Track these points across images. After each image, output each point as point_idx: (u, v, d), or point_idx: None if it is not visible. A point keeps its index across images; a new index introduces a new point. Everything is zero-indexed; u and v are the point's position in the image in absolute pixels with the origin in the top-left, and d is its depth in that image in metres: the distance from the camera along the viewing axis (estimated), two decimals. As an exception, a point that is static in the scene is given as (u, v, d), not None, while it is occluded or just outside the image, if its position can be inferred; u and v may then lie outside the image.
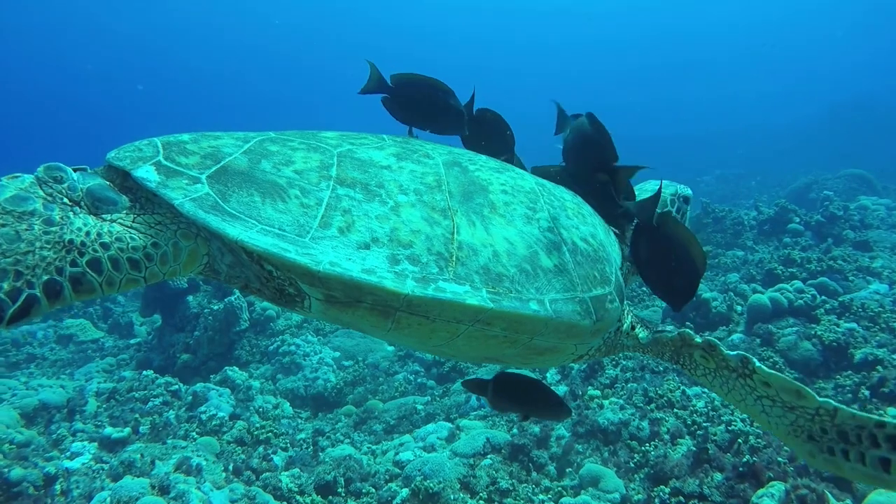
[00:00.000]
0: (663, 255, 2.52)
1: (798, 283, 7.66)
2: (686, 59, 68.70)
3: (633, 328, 2.61)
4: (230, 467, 4.95)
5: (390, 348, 9.46)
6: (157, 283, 2.03)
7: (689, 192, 3.14)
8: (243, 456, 5.34)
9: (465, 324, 1.98)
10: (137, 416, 6.48)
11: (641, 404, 6.12)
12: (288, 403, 7.72)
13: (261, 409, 6.86)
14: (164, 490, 4.14)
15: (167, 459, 4.77)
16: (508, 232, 2.11)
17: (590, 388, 6.75)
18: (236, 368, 7.74)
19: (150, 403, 6.96)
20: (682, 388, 6.44)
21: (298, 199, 1.92)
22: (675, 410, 5.96)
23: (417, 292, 1.84)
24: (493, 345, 2.15)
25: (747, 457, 4.57)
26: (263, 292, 2.07)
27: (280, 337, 9.28)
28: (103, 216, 1.84)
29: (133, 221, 1.88)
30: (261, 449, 5.48)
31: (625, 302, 2.44)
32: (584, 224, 2.38)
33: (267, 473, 4.82)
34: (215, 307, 9.28)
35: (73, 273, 1.70)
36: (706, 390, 6.69)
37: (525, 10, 69.17)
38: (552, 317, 2.02)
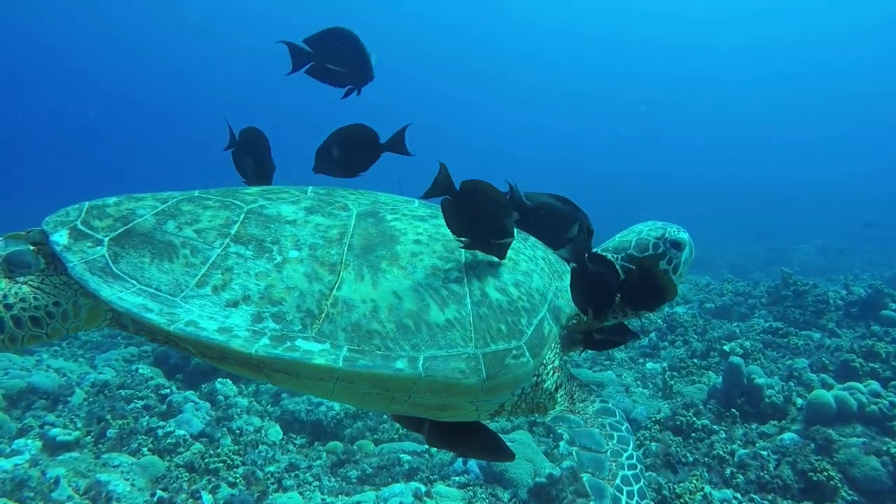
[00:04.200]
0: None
1: (875, 385, 6.39)
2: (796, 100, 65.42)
3: (556, 389, 2.41)
4: (156, 498, 4.42)
5: (405, 383, 8.81)
6: (62, 337, 2.18)
7: (681, 236, 2.76)
8: (185, 484, 4.81)
9: (328, 381, 1.95)
10: (109, 417, 6.13)
11: None
12: (277, 427, 7.19)
13: (238, 431, 6.35)
14: (39, 521, 3.67)
15: (90, 477, 4.32)
16: (401, 284, 2.06)
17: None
18: (229, 381, 7.29)
19: (131, 405, 6.62)
20: (706, 489, 5.40)
21: (186, 259, 2.03)
22: (688, 520, 4.95)
23: (262, 352, 1.85)
24: (374, 401, 2.11)
25: None
26: (168, 342, 2.11)
27: (294, 353, 8.81)
28: (17, 279, 2.05)
29: (41, 282, 2.07)
30: (205, 480, 4.95)
31: (546, 355, 2.27)
32: (512, 272, 2.27)
33: (188, 514, 4.28)
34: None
35: None
36: (738, 496, 5.62)
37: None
38: (421, 375, 1.94)
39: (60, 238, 2.03)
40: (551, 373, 2.35)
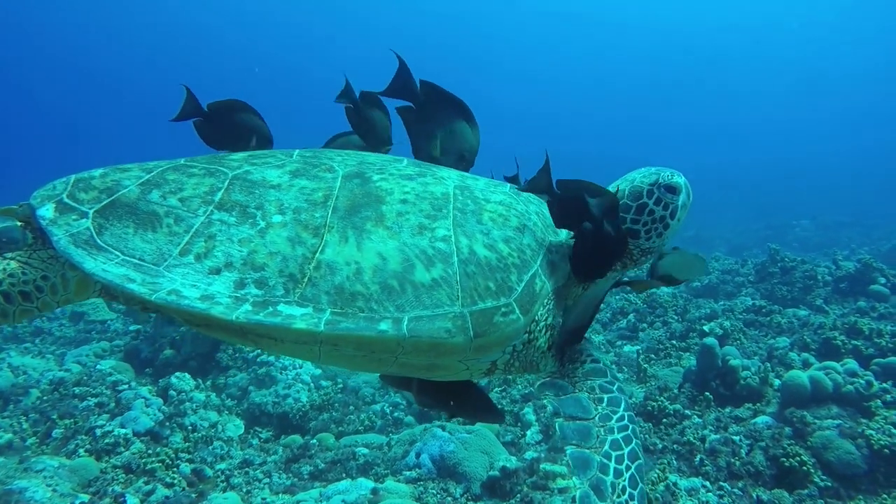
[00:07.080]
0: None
1: (852, 364, 6.10)
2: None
3: (549, 348, 2.36)
4: (77, 503, 4.20)
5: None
6: (53, 309, 2.19)
7: (675, 180, 2.47)
8: (118, 487, 4.59)
9: (312, 345, 1.95)
10: (56, 416, 5.92)
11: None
12: (238, 421, 6.97)
13: (191, 427, 6.13)
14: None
15: (7, 484, 4.10)
16: (387, 246, 2.04)
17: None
18: (186, 376, 7.06)
19: (84, 403, 6.41)
20: (671, 479, 5.16)
21: (169, 228, 2.02)
22: (648, 511, 4.69)
23: (244, 318, 1.84)
24: (362, 363, 2.11)
25: None
26: (158, 311, 2.10)
27: (263, 345, 8.58)
28: (5, 255, 2.10)
29: (29, 257, 2.11)
30: (141, 481, 4.73)
31: (538, 311, 2.20)
32: (502, 228, 2.22)
33: (109, 521, 4.06)
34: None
35: None
36: (706, 483, 5.37)
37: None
38: (405, 336, 1.92)
39: (46, 212, 2.03)
40: (544, 330, 2.30)
